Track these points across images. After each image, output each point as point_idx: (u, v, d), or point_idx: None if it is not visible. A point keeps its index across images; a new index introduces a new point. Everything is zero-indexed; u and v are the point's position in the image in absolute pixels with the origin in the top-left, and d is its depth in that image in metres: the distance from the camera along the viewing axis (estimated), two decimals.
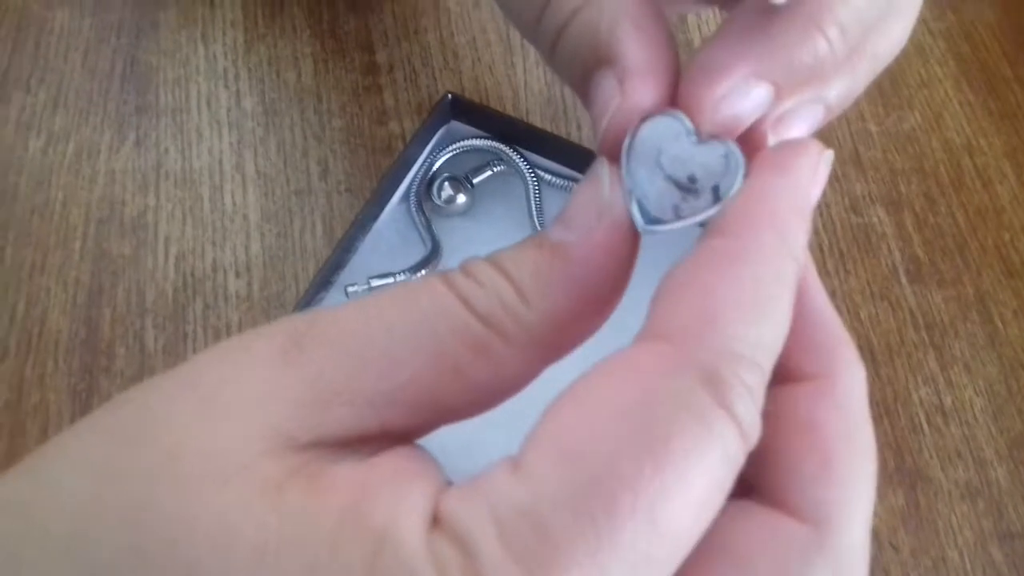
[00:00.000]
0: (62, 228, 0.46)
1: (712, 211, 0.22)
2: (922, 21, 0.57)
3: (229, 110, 0.50)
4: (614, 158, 0.23)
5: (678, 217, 0.22)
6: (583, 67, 0.26)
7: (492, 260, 0.22)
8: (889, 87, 0.54)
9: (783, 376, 0.21)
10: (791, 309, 0.20)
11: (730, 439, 0.18)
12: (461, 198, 0.45)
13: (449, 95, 0.46)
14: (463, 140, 0.46)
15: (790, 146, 0.22)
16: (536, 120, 0.51)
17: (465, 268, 0.21)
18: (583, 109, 0.52)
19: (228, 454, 0.18)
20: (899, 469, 0.43)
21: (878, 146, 0.52)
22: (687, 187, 0.22)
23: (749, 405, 0.18)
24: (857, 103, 0.27)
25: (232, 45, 0.52)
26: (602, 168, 0.23)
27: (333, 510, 0.17)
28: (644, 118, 0.23)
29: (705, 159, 0.22)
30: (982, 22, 0.58)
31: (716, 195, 0.22)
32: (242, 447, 0.18)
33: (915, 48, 0.56)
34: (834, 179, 0.51)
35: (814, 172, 0.21)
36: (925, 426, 0.44)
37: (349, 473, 0.18)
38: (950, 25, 0.57)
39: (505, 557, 0.16)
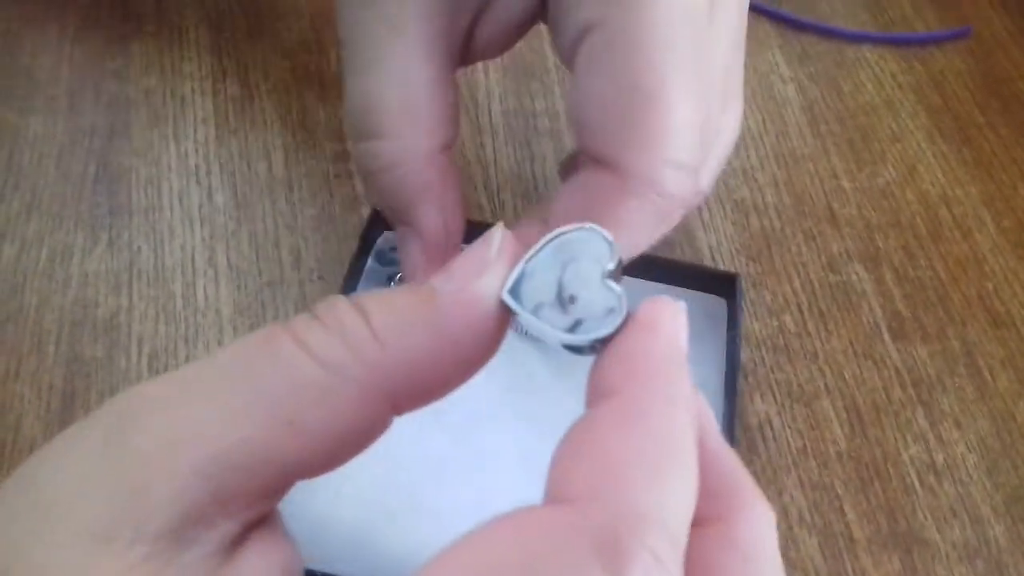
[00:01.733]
0: (36, 333, 0.46)
1: (563, 336, 0.22)
2: (891, 75, 0.57)
3: (201, 205, 0.50)
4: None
5: (535, 314, 0.22)
6: (391, 210, 0.31)
7: (355, 299, 0.21)
8: (861, 142, 0.54)
9: None
10: (696, 462, 0.19)
11: None
12: None
13: (376, 209, 0.46)
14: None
15: (649, 306, 0.21)
16: (507, 197, 0.51)
17: (315, 310, 0.21)
18: (554, 184, 0.52)
19: (61, 566, 0.17)
20: (893, 533, 0.42)
21: (852, 202, 0.52)
22: (561, 299, 0.22)
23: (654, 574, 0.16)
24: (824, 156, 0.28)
25: (203, 141, 0.52)
26: (497, 232, 0.23)
27: None
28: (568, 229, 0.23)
29: (595, 296, 0.22)
30: (951, 71, 0.58)
31: (575, 327, 0.22)
32: (74, 555, 0.18)
33: (885, 102, 0.56)
34: (810, 238, 0.50)
35: (677, 322, 0.21)
36: (918, 486, 0.43)
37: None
38: (919, 77, 0.58)
39: None
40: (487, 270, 0.21)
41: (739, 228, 0.50)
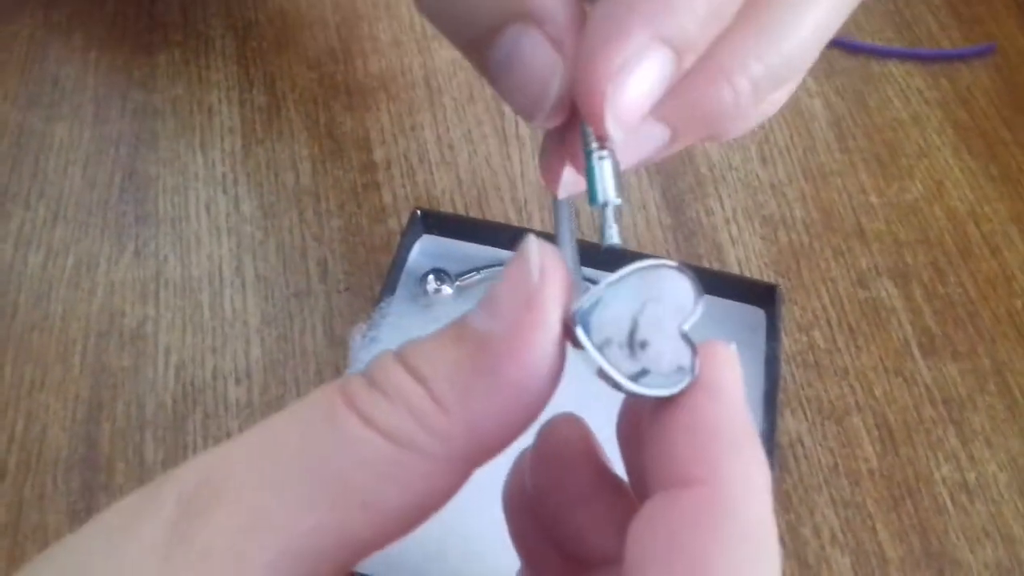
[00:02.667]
0: (62, 342, 0.45)
1: (627, 384, 0.20)
2: (917, 90, 0.57)
3: (228, 215, 0.50)
4: (561, 140, 0.22)
5: (600, 351, 0.20)
6: (486, 21, 0.22)
7: (404, 359, 0.19)
8: (888, 158, 0.54)
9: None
10: (777, 544, 0.18)
11: None
12: (447, 290, 0.44)
13: (418, 211, 0.46)
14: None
15: (711, 364, 0.20)
16: (534, 209, 0.51)
17: (371, 375, 0.19)
18: (580, 197, 0.51)
19: None
20: (926, 552, 0.41)
21: (881, 218, 0.51)
22: (632, 341, 0.20)
23: None
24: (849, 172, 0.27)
25: (230, 151, 0.52)
26: (533, 247, 0.20)
27: None
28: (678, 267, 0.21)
29: (668, 348, 0.20)
30: (978, 87, 0.58)
31: (638, 375, 0.20)
32: None
33: (912, 118, 0.56)
34: (839, 253, 0.50)
35: (737, 376, 0.20)
36: (950, 505, 0.43)
37: None
38: (945, 93, 0.57)
39: None
40: (536, 302, 0.19)
41: (768, 243, 0.50)
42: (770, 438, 0.40)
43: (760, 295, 0.45)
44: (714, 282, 0.44)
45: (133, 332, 0.46)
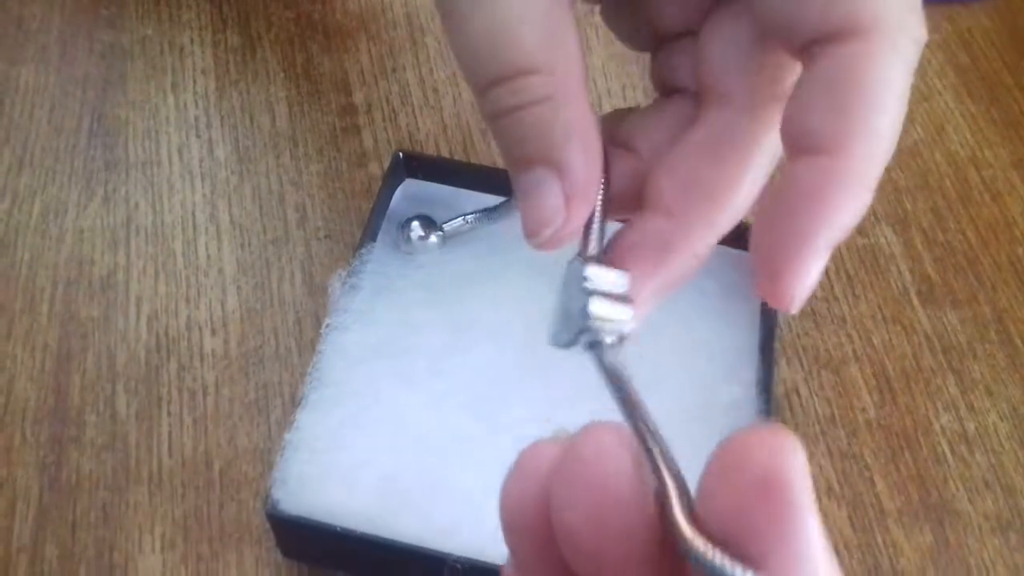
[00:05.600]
0: (28, 291, 0.43)
1: None
2: None
3: (201, 160, 0.48)
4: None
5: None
6: (523, 153, 0.26)
7: None
8: None
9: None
10: None
11: None
12: (432, 237, 0.42)
13: (400, 154, 0.44)
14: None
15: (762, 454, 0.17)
16: None
17: None
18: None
19: None
20: (924, 504, 0.40)
21: None
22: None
23: None
24: None
25: (203, 93, 0.50)
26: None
27: None
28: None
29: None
30: (979, 29, 0.56)
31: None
32: None
33: None
34: None
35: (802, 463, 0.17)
36: (949, 456, 0.42)
37: None
38: (946, 35, 0.56)
39: None
40: None
41: (763, 188, 0.48)
42: (766, 388, 0.38)
43: None
44: None
45: (103, 281, 0.44)
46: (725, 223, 0.27)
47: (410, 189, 0.44)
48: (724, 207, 0.27)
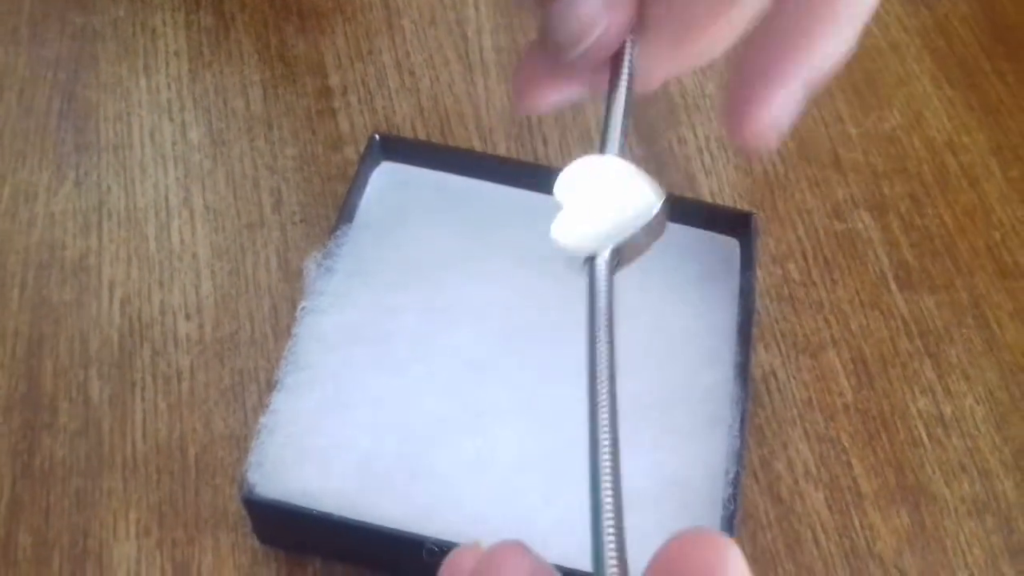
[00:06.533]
0: None
1: None
2: (896, 17, 0.55)
3: (174, 143, 0.47)
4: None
5: None
6: None
7: None
8: (866, 87, 0.52)
9: None
10: None
11: None
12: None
13: (377, 136, 0.43)
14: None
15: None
16: (500, 138, 0.48)
17: None
18: (549, 125, 0.49)
19: None
20: (901, 486, 0.40)
21: (858, 148, 0.50)
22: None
23: None
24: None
25: (176, 76, 0.49)
26: None
27: None
28: None
29: None
30: (956, 15, 0.56)
31: None
32: None
33: (890, 46, 0.54)
34: (814, 184, 0.48)
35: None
36: (925, 439, 0.42)
37: None
38: (924, 21, 0.56)
39: None
40: None
41: (741, 173, 0.48)
42: (744, 372, 0.38)
43: (734, 224, 0.43)
44: (686, 210, 0.42)
45: (75, 265, 0.43)
46: None
47: (387, 171, 0.44)
48: None
